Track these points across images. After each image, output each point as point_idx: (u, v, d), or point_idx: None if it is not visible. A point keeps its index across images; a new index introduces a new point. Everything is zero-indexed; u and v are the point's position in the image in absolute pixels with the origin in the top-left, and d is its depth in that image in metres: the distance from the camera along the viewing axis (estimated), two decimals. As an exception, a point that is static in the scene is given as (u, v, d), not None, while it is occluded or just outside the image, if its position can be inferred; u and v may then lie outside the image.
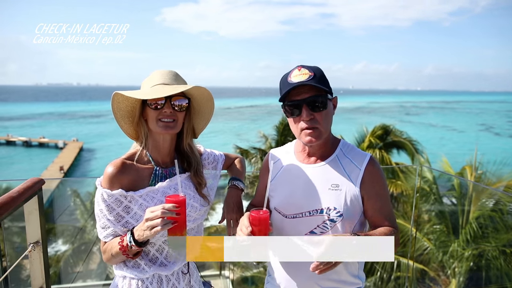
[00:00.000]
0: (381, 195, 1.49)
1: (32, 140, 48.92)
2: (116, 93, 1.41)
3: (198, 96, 1.53)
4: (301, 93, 1.41)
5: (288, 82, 1.42)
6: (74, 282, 8.76)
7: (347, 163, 1.50)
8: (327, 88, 1.43)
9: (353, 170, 1.48)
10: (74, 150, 42.46)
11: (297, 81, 1.40)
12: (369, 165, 1.48)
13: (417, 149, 12.02)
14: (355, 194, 1.46)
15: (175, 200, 1.28)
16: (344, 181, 1.47)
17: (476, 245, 7.14)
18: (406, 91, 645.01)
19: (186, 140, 1.58)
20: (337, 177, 1.48)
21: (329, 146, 1.54)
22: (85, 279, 10.05)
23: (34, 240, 1.71)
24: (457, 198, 8.56)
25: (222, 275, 9.22)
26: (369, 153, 1.54)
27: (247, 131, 55.11)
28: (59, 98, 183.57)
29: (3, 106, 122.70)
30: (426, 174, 8.58)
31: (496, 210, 7.43)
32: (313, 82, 1.39)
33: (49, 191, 15.93)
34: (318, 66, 1.47)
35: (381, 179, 1.49)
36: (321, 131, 1.44)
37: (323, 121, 1.43)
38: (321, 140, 1.47)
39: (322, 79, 1.43)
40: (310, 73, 1.41)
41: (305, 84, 1.39)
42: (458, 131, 67.50)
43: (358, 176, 1.47)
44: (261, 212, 1.37)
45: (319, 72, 1.44)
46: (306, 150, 1.56)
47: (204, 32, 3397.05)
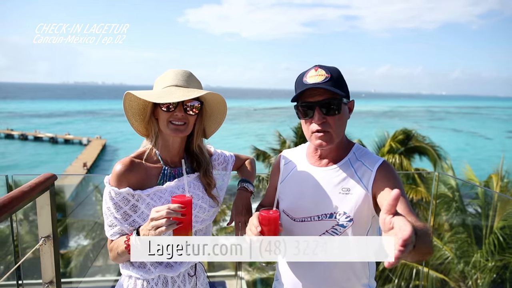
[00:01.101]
0: (395, 187, 1.33)
1: (58, 136, 50.54)
2: (128, 93, 1.41)
3: (211, 99, 1.51)
4: (315, 95, 1.37)
5: (303, 83, 1.38)
6: (93, 276, 8.97)
7: (359, 166, 1.44)
8: (343, 91, 1.37)
9: (365, 172, 1.42)
10: (97, 147, 43.55)
11: (312, 82, 1.35)
12: (381, 167, 1.41)
13: (439, 155, 11.66)
14: (366, 198, 1.39)
15: (181, 200, 1.26)
16: (356, 185, 1.41)
17: (500, 256, 6.84)
18: (430, 95, 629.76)
19: (196, 141, 1.56)
20: (348, 181, 1.42)
21: (342, 149, 1.49)
22: (104, 274, 10.27)
23: (46, 234, 1.74)
24: (481, 207, 8.26)
25: (237, 276, 9.23)
26: (383, 158, 1.47)
27: (267, 133, 55.18)
28: (85, 97, 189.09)
29: (32, 103, 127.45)
30: (450, 181, 8.31)
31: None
32: (329, 84, 1.34)
33: (73, 186, 16.41)
34: (336, 67, 1.41)
35: (394, 177, 1.39)
36: (333, 135, 1.39)
37: (335, 125, 1.38)
38: (333, 145, 1.42)
39: (339, 82, 1.38)
40: (327, 75, 1.36)
41: (319, 86, 1.34)
42: (484, 138, 65.28)
43: (369, 179, 1.40)
44: (270, 211, 1.35)
45: (337, 74, 1.38)
46: (318, 153, 1.51)
47: (227, 34, 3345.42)
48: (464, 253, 7.57)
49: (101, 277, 8.33)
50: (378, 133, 12.43)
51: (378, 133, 12.43)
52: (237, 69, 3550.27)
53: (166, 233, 1.41)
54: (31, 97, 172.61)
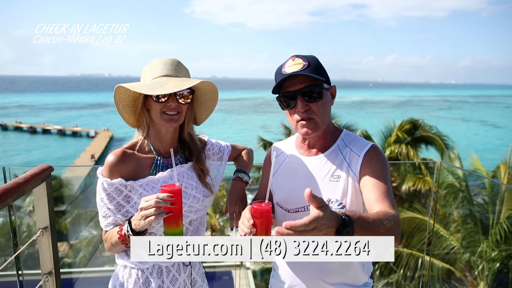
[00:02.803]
0: (378, 175, 1.35)
1: (66, 129, 51.03)
2: (118, 86, 1.39)
3: (203, 88, 1.50)
4: (295, 83, 1.37)
5: (282, 73, 1.37)
6: (102, 266, 9.12)
7: (347, 153, 1.43)
8: (323, 77, 1.37)
9: (353, 158, 1.41)
10: (104, 139, 43.91)
11: (291, 72, 1.35)
12: (368, 152, 1.40)
13: (447, 144, 11.54)
14: (356, 183, 1.38)
15: (170, 189, 1.25)
16: (345, 171, 1.40)
17: (506, 246, 6.79)
18: (439, 84, 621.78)
19: (187, 129, 1.55)
20: (338, 168, 1.42)
21: (330, 137, 1.48)
22: (112, 264, 10.44)
23: (43, 225, 1.74)
24: (488, 197, 8.18)
25: (243, 266, 9.30)
26: (373, 143, 1.45)
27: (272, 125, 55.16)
28: (93, 89, 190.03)
29: (40, 96, 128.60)
30: (458, 171, 8.23)
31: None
32: (307, 71, 1.34)
33: (81, 178, 16.50)
34: (314, 55, 1.41)
35: (378, 162, 1.37)
36: (318, 122, 1.39)
37: (319, 112, 1.37)
38: (319, 132, 1.41)
39: (318, 69, 1.37)
40: (305, 63, 1.36)
41: (298, 74, 1.33)
42: (494, 127, 64.38)
43: (357, 164, 1.39)
44: (263, 204, 1.33)
45: (315, 61, 1.39)
46: (306, 142, 1.51)
47: (233, 24, 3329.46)
48: (470, 243, 7.53)
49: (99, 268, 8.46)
50: (385, 123, 12.31)
51: (385, 123, 12.31)
52: (243, 59, 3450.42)
53: (156, 222, 1.40)
54: (38, 89, 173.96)
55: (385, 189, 1.32)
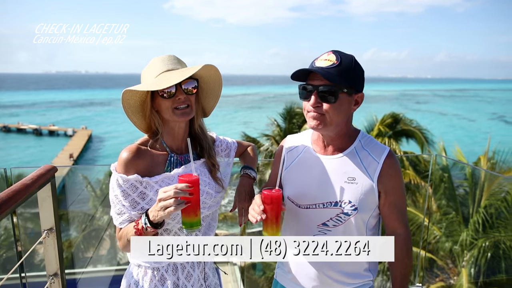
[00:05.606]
0: (398, 190, 1.45)
1: (42, 128, 49.49)
2: (124, 92, 1.37)
3: (206, 75, 1.50)
4: (315, 78, 1.37)
5: (311, 64, 1.38)
6: (86, 267, 8.93)
7: (365, 156, 1.45)
8: (349, 82, 1.35)
9: (371, 163, 1.43)
10: (83, 138, 42.89)
11: (317, 66, 1.36)
12: (387, 159, 1.43)
13: (427, 138, 11.88)
14: (371, 188, 1.42)
15: (188, 179, 1.24)
16: (361, 174, 1.43)
17: (484, 234, 7.08)
18: (415, 78, 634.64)
19: (197, 121, 1.55)
20: (354, 170, 1.44)
21: (347, 137, 1.48)
22: (95, 265, 10.24)
23: (48, 227, 1.71)
24: (469, 187, 8.48)
25: (230, 262, 9.29)
26: (387, 147, 1.49)
27: (255, 119, 55.05)
28: (69, 86, 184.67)
29: (14, 94, 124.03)
30: (442, 163, 8.49)
31: (503, 200, 7.35)
32: (333, 71, 1.33)
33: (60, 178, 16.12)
34: (353, 56, 1.39)
35: (399, 173, 1.45)
36: (326, 120, 1.38)
37: (330, 112, 1.36)
38: (328, 130, 1.41)
39: (347, 71, 1.35)
40: (335, 62, 1.34)
41: (317, 71, 1.33)
42: (468, 120, 66.49)
43: (376, 170, 1.42)
44: (273, 190, 1.35)
45: (348, 62, 1.36)
46: (323, 140, 1.51)
47: (212, 19, 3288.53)
48: (452, 232, 7.79)
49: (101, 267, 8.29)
50: (368, 118, 12.55)
51: (368, 118, 12.55)
52: (223, 56, 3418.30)
53: (172, 218, 1.40)
54: (12, 87, 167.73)
55: (403, 209, 1.50)
